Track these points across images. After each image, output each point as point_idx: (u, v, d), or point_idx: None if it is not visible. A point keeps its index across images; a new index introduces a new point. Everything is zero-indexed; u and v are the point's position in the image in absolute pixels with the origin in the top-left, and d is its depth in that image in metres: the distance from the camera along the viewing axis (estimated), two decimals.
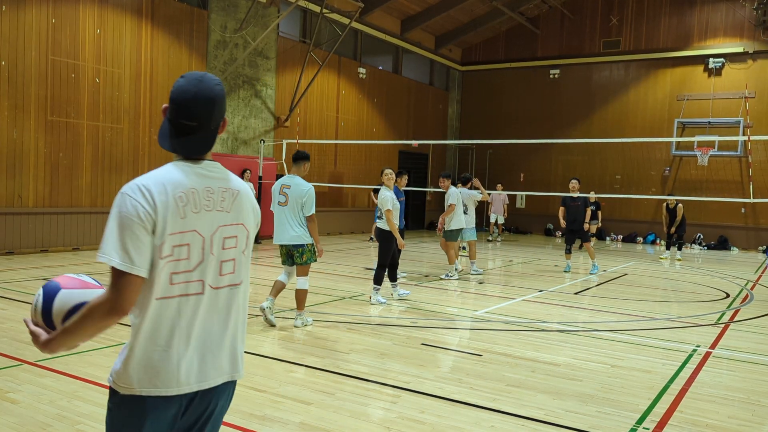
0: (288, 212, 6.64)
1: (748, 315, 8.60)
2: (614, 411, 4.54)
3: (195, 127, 2.01)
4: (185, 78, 2.02)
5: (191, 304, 1.96)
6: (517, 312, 8.17)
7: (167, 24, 14.10)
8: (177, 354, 1.94)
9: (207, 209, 1.99)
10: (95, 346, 5.69)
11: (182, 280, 1.94)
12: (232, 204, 2.06)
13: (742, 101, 20.01)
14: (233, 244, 2.05)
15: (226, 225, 2.03)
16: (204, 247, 1.98)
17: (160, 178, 2.00)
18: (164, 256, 1.90)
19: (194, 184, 1.99)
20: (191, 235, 1.95)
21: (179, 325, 1.94)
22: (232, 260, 2.05)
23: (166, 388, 1.92)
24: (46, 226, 12.19)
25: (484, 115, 24.93)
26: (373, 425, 4.10)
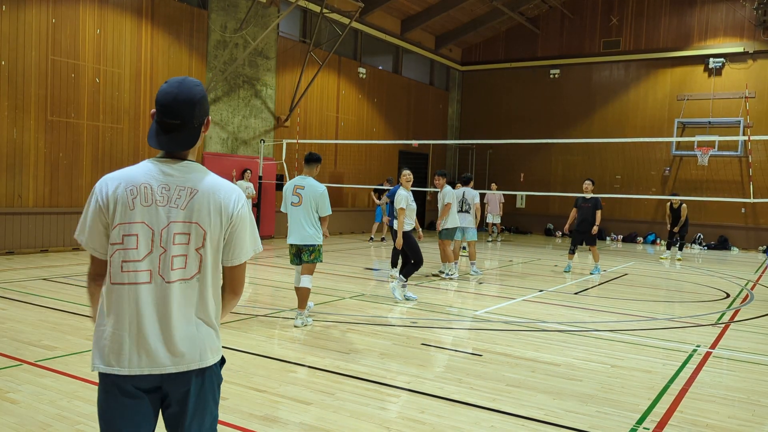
0: (302, 212, 6.72)
1: (748, 315, 8.60)
2: (614, 411, 4.54)
3: (179, 125, 2.18)
4: (167, 83, 2.28)
5: (141, 292, 2.12)
6: (517, 312, 8.17)
7: (167, 24, 14.10)
8: (128, 337, 2.13)
9: (160, 204, 2.12)
10: None
11: (131, 268, 2.11)
12: (186, 203, 2.14)
13: (742, 101, 20.01)
14: (184, 241, 2.14)
15: (177, 221, 2.13)
16: (153, 240, 2.11)
17: (121, 173, 2.19)
18: (114, 243, 2.12)
19: (150, 180, 2.14)
20: (140, 226, 2.11)
21: (130, 310, 2.13)
22: (184, 255, 2.14)
23: (118, 367, 2.14)
24: (46, 226, 12.19)
25: (484, 115, 24.93)
26: (373, 425, 4.10)
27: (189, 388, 2.18)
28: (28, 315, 6.87)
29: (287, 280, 10.13)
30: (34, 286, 8.63)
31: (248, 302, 8.17)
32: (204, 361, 2.18)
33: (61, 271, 9.98)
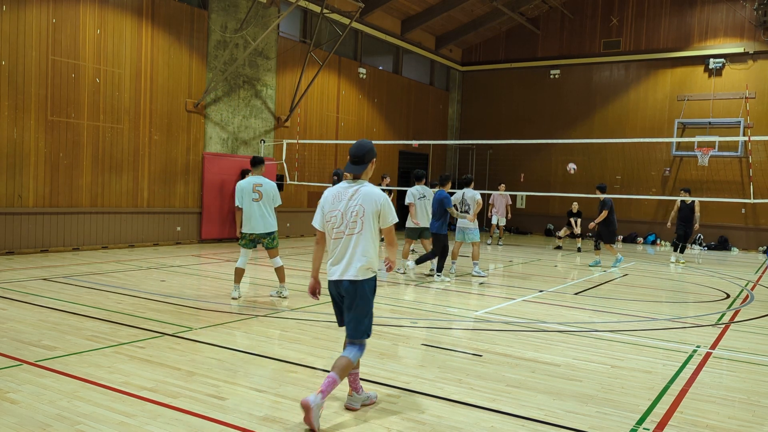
0: (264, 206, 8.12)
1: (749, 315, 8.60)
2: (614, 411, 4.54)
3: (356, 160, 4.32)
4: (357, 142, 4.39)
5: (338, 241, 4.32)
6: (517, 312, 8.17)
7: (167, 24, 14.10)
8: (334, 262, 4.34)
9: (343, 199, 4.32)
10: (95, 347, 5.70)
11: (336, 231, 4.33)
12: (353, 198, 4.29)
13: (742, 101, 20.01)
14: (357, 216, 4.27)
15: (350, 207, 4.28)
16: (343, 217, 4.30)
17: (331, 188, 4.42)
18: (327, 221, 4.38)
19: (340, 189, 4.37)
20: (337, 212, 4.32)
21: (335, 249, 4.33)
22: (354, 222, 4.27)
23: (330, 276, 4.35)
24: (46, 226, 12.19)
25: (484, 115, 24.94)
26: (373, 425, 4.10)
27: (346, 287, 4.29)
28: (28, 315, 6.87)
29: (287, 280, 10.13)
30: (34, 286, 8.63)
31: (248, 302, 8.17)
32: (354, 275, 4.26)
33: (61, 271, 9.98)
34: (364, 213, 4.24)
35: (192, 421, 4.04)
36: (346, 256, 4.27)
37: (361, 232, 4.24)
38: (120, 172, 13.40)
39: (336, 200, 4.33)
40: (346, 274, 4.25)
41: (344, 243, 4.27)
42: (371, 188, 4.30)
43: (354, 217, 4.25)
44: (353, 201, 4.26)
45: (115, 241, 13.39)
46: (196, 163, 14.98)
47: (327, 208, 4.35)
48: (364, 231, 4.24)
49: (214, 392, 4.60)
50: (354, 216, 4.25)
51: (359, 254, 4.23)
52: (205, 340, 6.11)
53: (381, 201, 4.26)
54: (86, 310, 7.25)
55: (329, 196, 4.37)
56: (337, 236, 4.31)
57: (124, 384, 4.70)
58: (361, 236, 4.24)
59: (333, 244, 4.35)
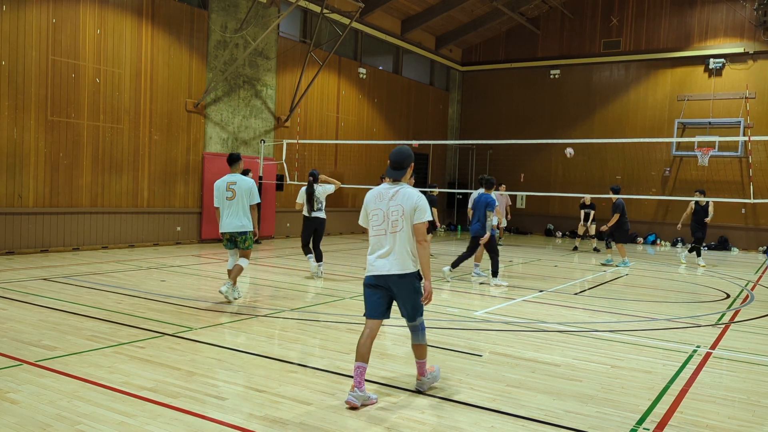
0: (237, 205, 7.81)
1: (749, 315, 8.60)
2: (614, 411, 4.54)
3: (396, 166, 4.67)
4: (396, 149, 4.72)
5: (380, 238, 4.62)
6: (517, 312, 8.17)
7: (167, 24, 14.10)
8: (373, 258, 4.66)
9: (386, 199, 4.62)
10: (95, 347, 5.70)
11: (376, 228, 4.65)
12: (393, 198, 4.59)
13: (742, 102, 20.01)
14: (398, 215, 4.57)
15: (392, 207, 4.57)
16: (385, 215, 4.60)
17: (373, 189, 4.73)
18: (370, 218, 4.69)
19: (382, 190, 4.66)
20: (378, 210, 4.63)
21: (376, 246, 4.65)
22: (396, 220, 4.56)
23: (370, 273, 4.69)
24: (46, 226, 12.19)
25: (484, 115, 24.93)
26: (373, 425, 4.10)
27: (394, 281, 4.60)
28: (28, 315, 6.87)
29: (287, 280, 10.14)
30: (34, 286, 8.63)
31: (248, 302, 8.17)
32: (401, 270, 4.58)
33: (61, 271, 9.98)
34: (404, 212, 4.56)
35: (192, 421, 4.04)
36: (392, 252, 4.56)
37: (403, 230, 4.57)
38: (120, 172, 13.39)
39: (378, 200, 4.65)
40: (394, 269, 4.55)
41: (389, 240, 4.58)
42: (410, 189, 4.64)
43: (395, 216, 4.56)
44: (393, 201, 4.58)
45: (115, 241, 13.39)
46: (196, 163, 14.98)
47: (370, 207, 4.69)
48: (406, 229, 4.57)
49: (214, 392, 4.60)
50: (395, 215, 4.57)
51: (404, 250, 4.56)
52: (205, 340, 6.11)
53: (417, 200, 4.58)
54: (86, 310, 7.25)
55: (371, 197, 4.71)
56: (377, 233, 4.64)
57: (124, 384, 4.70)
58: (403, 233, 4.57)
59: (374, 241, 4.66)
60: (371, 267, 4.65)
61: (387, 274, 4.57)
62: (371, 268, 4.65)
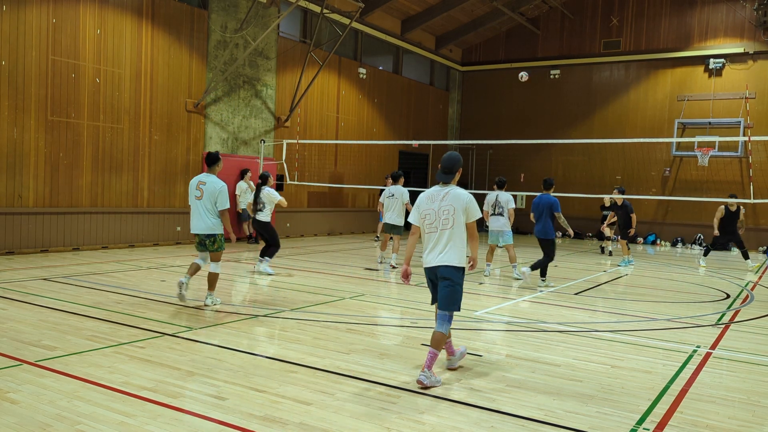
0: (204, 205, 7.54)
1: (749, 315, 8.60)
2: (614, 411, 4.54)
3: (447, 171, 5.22)
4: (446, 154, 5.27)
5: (432, 234, 5.16)
6: (517, 312, 8.17)
7: (167, 24, 14.10)
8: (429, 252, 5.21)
9: (437, 200, 5.15)
10: (95, 346, 5.70)
11: (429, 226, 5.17)
12: (444, 199, 5.13)
13: (742, 102, 20.00)
14: (448, 214, 5.10)
15: (443, 207, 5.11)
16: (437, 215, 5.13)
17: (425, 192, 5.29)
18: (423, 218, 5.22)
19: (433, 192, 5.21)
20: (431, 210, 5.16)
21: (428, 242, 5.19)
22: (447, 218, 5.09)
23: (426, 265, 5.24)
24: (46, 226, 12.19)
25: (484, 116, 24.93)
26: (373, 425, 4.10)
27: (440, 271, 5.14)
28: (28, 315, 6.87)
29: (287, 280, 10.14)
30: (34, 286, 8.63)
31: (248, 302, 8.17)
32: (444, 261, 5.13)
33: (61, 271, 9.98)
34: (454, 211, 5.10)
35: (192, 421, 4.04)
36: (445, 247, 5.12)
37: (453, 228, 5.10)
38: (120, 172, 13.39)
39: (430, 200, 5.23)
40: (444, 260, 5.11)
41: (440, 236, 5.15)
42: (460, 191, 5.20)
43: (446, 215, 5.11)
44: (445, 201, 5.14)
45: (115, 241, 13.39)
46: (196, 163, 14.97)
47: (423, 207, 5.25)
48: (455, 226, 5.11)
49: (214, 392, 4.60)
50: (446, 214, 5.11)
51: (453, 245, 5.11)
52: (205, 340, 6.11)
53: (467, 200, 5.15)
54: (86, 310, 7.25)
55: (424, 198, 5.27)
56: (431, 230, 5.21)
57: (124, 384, 4.70)
58: (453, 231, 5.11)
59: (428, 238, 5.24)
60: (425, 261, 5.25)
61: (435, 266, 5.17)
62: (425, 262, 5.26)
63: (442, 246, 5.12)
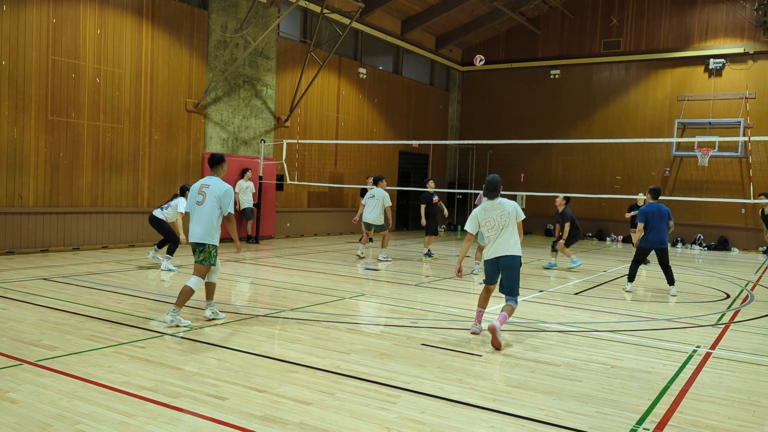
0: (201, 210, 6.71)
1: (749, 315, 8.60)
2: (614, 411, 4.54)
3: (492, 188, 6.83)
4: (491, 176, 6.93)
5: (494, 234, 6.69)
6: (517, 312, 8.16)
7: (168, 24, 14.10)
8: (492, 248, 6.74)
9: (493, 210, 6.75)
10: (95, 346, 5.70)
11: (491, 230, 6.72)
12: (498, 208, 6.72)
13: (742, 102, 20.01)
14: (506, 218, 6.67)
15: (501, 213, 6.69)
16: (496, 221, 6.69)
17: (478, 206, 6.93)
18: (483, 225, 6.79)
19: (486, 206, 6.81)
20: (490, 219, 6.73)
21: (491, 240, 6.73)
22: (505, 222, 6.65)
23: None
24: (46, 226, 12.19)
25: (484, 116, 24.93)
26: (373, 425, 4.10)
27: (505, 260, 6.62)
28: (28, 315, 6.87)
29: (287, 279, 10.14)
30: (34, 286, 8.63)
31: (248, 302, 8.17)
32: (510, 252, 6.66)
33: (61, 271, 9.98)
34: (509, 215, 6.69)
35: (192, 421, 4.04)
36: (506, 242, 6.63)
37: (509, 226, 6.67)
38: (120, 172, 13.39)
39: (485, 212, 6.79)
40: (507, 251, 6.63)
41: (501, 235, 6.66)
42: (506, 200, 6.82)
43: (504, 220, 6.67)
44: (498, 210, 6.74)
45: (115, 241, 13.39)
46: (196, 163, 14.97)
47: (481, 218, 6.79)
48: (510, 225, 6.67)
49: (214, 392, 4.60)
50: (504, 219, 6.68)
51: (513, 239, 6.65)
52: (205, 340, 6.11)
53: (515, 206, 6.78)
54: (86, 310, 7.25)
55: (480, 210, 6.83)
56: (492, 234, 6.72)
57: (124, 384, 4.70)
58: (510, 229, 6.68)
59: (492, 238, 6.72)
60: (486, 254, 6.77)
61: (499, 256, 6.64)
62: (486, 255, 6.77)
63: (506, 241, 6.64)
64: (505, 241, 6.61)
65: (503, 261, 6.61)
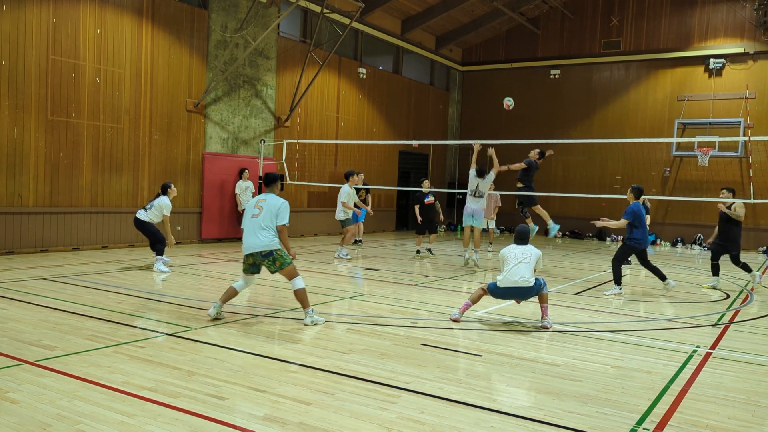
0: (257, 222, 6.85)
1: (749, 315, 8.60)
2: (614, 411, 4.54)
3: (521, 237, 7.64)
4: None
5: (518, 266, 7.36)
6: (517, 312, 8.16)
7: (168, 24, 14.10)
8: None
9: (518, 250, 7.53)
10: (95, 346, 5.70)
11: (514, 261, 7.39)
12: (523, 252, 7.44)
13: (742, 102, 20.01)
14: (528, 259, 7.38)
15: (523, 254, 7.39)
16: (520, 258, 7.39)
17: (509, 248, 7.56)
18: (508, 260, 7.46)
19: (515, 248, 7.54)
20: (514, 255, 7.49)
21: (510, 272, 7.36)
22: (529, 260, 7.38)
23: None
24: (46, 226, 12.19)
25: (484, 115, 24.92)
26: (373, 425, 4.10)
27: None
28: (28, 315, 6.87)
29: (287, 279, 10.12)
30: (34, 286, 8.63)
31: (248, 302, 8.17)
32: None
33: (61, 271, 9.98)
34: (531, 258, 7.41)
35: (192, 421, 4.04)
36: (523, 271, 7.27)
37: (530, 263, 7.38)
38: (120, 171, 13.39)
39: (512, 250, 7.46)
40: (524, 284, 7.27)
41: (519, 265, 7.32)
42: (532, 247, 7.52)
43: (528, 259, 7.32)
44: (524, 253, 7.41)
45: (115, 241, 13.38)
46: (196, 162, 14.98)
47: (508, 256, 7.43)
48: (532, 262, 7.41)
49: (214, 392, 4.60)
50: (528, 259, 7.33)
51: (529, 272, 7.33)
52: (205, 340, 6.11)
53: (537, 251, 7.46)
54: (86, 309, 7.25)
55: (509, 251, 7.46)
56: (516, 264, 7.38)
57: (124, 384, 4.70)
58: (528, 264, 7.35)
59: (509, 269, 7.35)
60: (506, 281, 7.30)
61: (517, 286, 7.27)
62: (506, 282, 7.29)
63: (525, 274, 7.26)
64: (523, 271, 7.24)
65: (522, 291, 7.30)
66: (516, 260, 7.33)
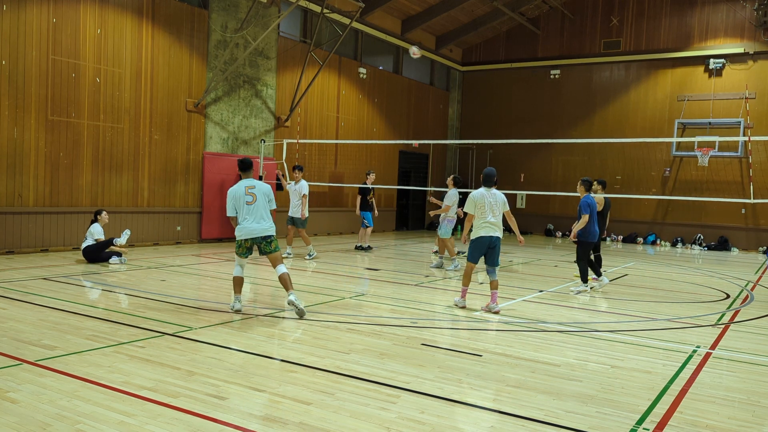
0: (257, 209, 7.52)
1: (749, 316, 8.60)
2: (614, 411, 4.54)
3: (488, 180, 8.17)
4: (488, 169, 8.33)
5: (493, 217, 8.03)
6: (517, 312, 8.17)
7: (168, 24, 14.10)
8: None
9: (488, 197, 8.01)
10: (95, 346, 5.70)
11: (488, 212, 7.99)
12: (493, 197, 8.05)
13: (742, 102, 20.01)
14: (498, 206, 8.05)
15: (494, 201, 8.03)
16: (491, 206, 7.99)
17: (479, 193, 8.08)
18: (478, 208, 7.99)
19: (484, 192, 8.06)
20: (486, 203, 7.99)
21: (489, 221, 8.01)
22: (498, 208, 8.08)
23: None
24: (47, 226, 12.19)
25: (484, 115, 24.93)
26: (373, 425, 4.10)
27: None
28: (28, 315, 6.87)
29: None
30: (34, 286, 8.63)
31: (248, 302, 8.17)
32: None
33: (61, 271, 9.98)
34: (500, 204, 8.04)
35: (192, 421, 4.04)
36: (498, 225, 8.01)
37: (500, 213, 8.04)
38: (120, 171, 13.39)
39: (483, 198, 7.96)
40: (498, 233, 8.01)
41: (495, 219, 7.98)
42: (498, 192, 8.11)
43: (497, 207, 8.01)
44: (494, 198, 8.01)
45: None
46: (196, 162, 14.98)
47: (478, 202, 7.96)
48: (499, 213, 8.02)
49: (214, 392, 4.60)
50: (497, 206, 8.02)
51: (500, 224, 8.06)
52: (205, 340, 6.11)
53: (503, 197, 8.11)
54: (86, 309, 7.25)
55: (479, 196, 7.97)
56: (488, 215, 7.96)
57: (124, 384, 4.70)
58: (500, 215, 8.05)
59: (488, 219, 7.95)
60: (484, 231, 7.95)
61: (492, 235, 7.97)
62: (484, 232, 7.95)
63: (498, 225, 8.00)
64: (497, 224, 8.01)
65: (494, 240, 7.99)
66: (489, 212, 7.98)
